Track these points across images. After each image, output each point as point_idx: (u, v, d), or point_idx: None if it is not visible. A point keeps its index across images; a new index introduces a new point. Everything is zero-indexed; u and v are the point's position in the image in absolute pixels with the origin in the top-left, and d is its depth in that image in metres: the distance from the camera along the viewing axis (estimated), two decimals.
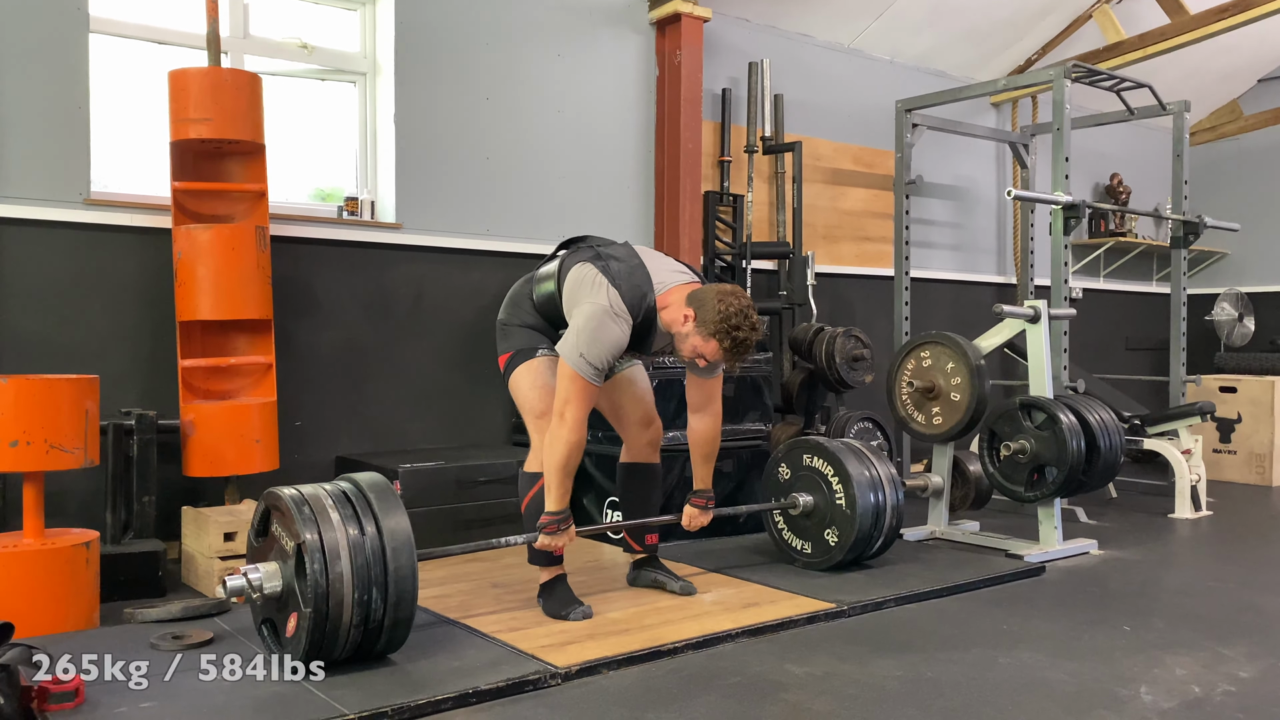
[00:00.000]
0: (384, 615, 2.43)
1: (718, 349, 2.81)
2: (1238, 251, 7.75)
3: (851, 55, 5.94)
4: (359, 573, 2.38)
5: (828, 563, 3.48)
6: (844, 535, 3.42)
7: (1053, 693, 2.43)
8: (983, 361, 4.02)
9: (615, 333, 2.81)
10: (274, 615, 2.51)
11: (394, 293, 4.38)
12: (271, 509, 2.52)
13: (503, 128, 4.66)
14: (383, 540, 2.43)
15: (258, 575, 2.44)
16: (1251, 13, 5.57)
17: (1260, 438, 5.86)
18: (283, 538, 2.45)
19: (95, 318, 3.72)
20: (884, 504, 3.45)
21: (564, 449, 2.82)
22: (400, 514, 2.49)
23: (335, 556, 2.36)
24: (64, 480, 3.41)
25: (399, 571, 2.43)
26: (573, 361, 2.79)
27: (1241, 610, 3.18)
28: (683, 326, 2.84)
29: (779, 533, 3.65)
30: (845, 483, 3.42)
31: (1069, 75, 4.62)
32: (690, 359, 2.90)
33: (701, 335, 2.81)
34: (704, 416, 3.16)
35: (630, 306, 2.83)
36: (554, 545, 2.90)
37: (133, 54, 3.97)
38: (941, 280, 6.36)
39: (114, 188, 3.90)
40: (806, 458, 3.56)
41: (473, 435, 4.59)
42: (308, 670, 2.38)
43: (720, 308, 2.78)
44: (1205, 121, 7.84)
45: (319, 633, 2.36)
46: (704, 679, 2.50)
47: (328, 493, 2.49)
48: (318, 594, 2.33)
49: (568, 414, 2.81)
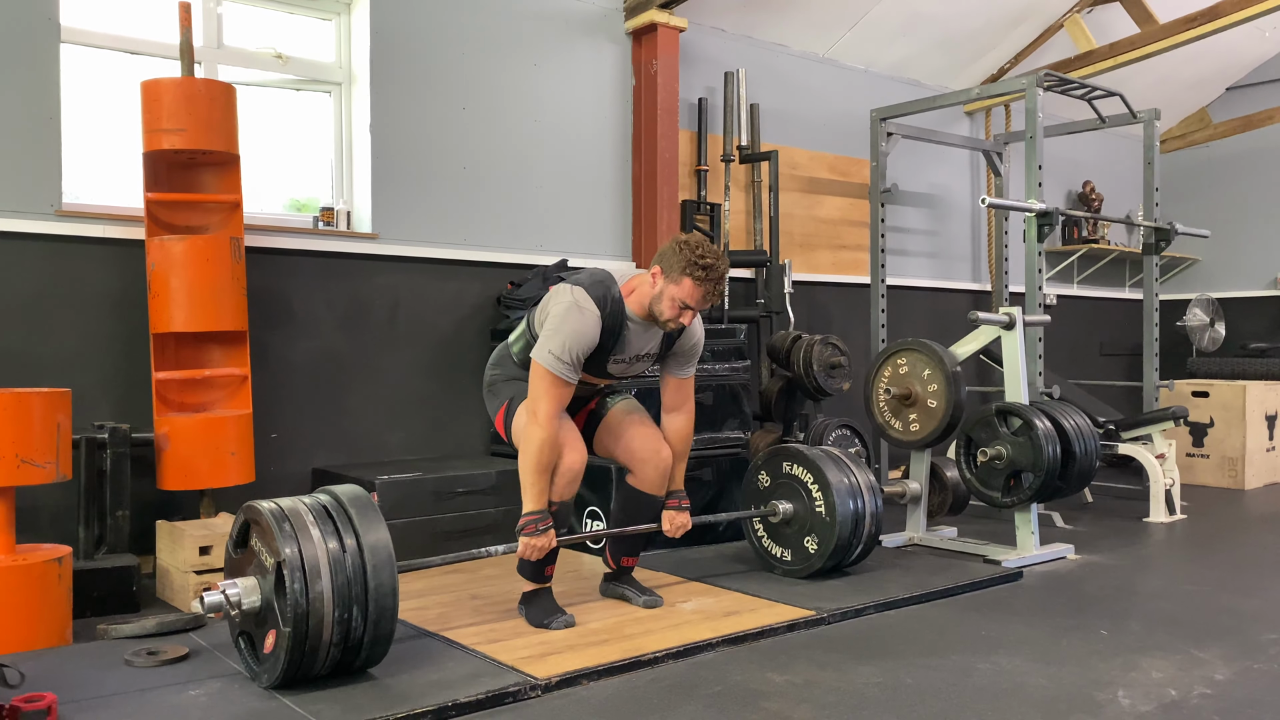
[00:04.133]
0: (364, 633, 2.41)
1: (692, 285, 2.83)
2: (1208, 257, 7.85)
3: (827, 65, 5.98)
4: (339, 591, 2.36)
5: (808, 570, 3.48)
6: (824, 542, 3.43)
7: (1031, 697, 2.44)
8: (959, 368, 4.04)
9: (580, 323, 2.83)
10: (252, 630, 2.48)
11: (371, 303, 4.36)
12: (251, 523, 2.50)
13: (479, 137, 4.66)
14: (363, 556, 2.41)
15: (236, 591, 2.41)
16: (1219, 22, 5.65)
17: (1232, 441, 5.92)
18: (262, 553, 2.43)
19: (67, 330, 3.68)
20: (863, 511, 3.46)
21: (535, 446, 2.82)
22: (381, 528, 2.47)
23: (316, 575, 2.34)
24: (35, 495, 3.37)
25: (379, 589, 2.41)
26: (541, 358, 2.83)
27: (1217, 613, 3.21)
28: (653, 288, 2.88)
29: (759, 540, 3.65)
30: (825, 490, 3.43)
31: (1041, 84, 4.66)
32: (674, 317, 2.87)
33: (673, 280, 2.84)
34: (679, 415, 3.17)
35: (596, 299, 2.86)
36: (534, 546, 2.86)
37: (105, 64, 3.94)
38: (917, 288, 6.40)
39: (86, 199, 3.87)
40: (786, 465, 3.57)
41: (451, 446, 4.57)
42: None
43: (679, 248, 2.84)
44: (1175, 129, 7.94)
45: (298, 652, 2.33)
46: (685, 688, 2.50)
47: (308, 507, 2.47)
48: (297, 614, 2.31)
49: (539, 410, 2.82)
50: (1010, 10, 6.14)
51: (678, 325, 2.92)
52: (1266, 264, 7.61)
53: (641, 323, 2.97)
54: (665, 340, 3.06)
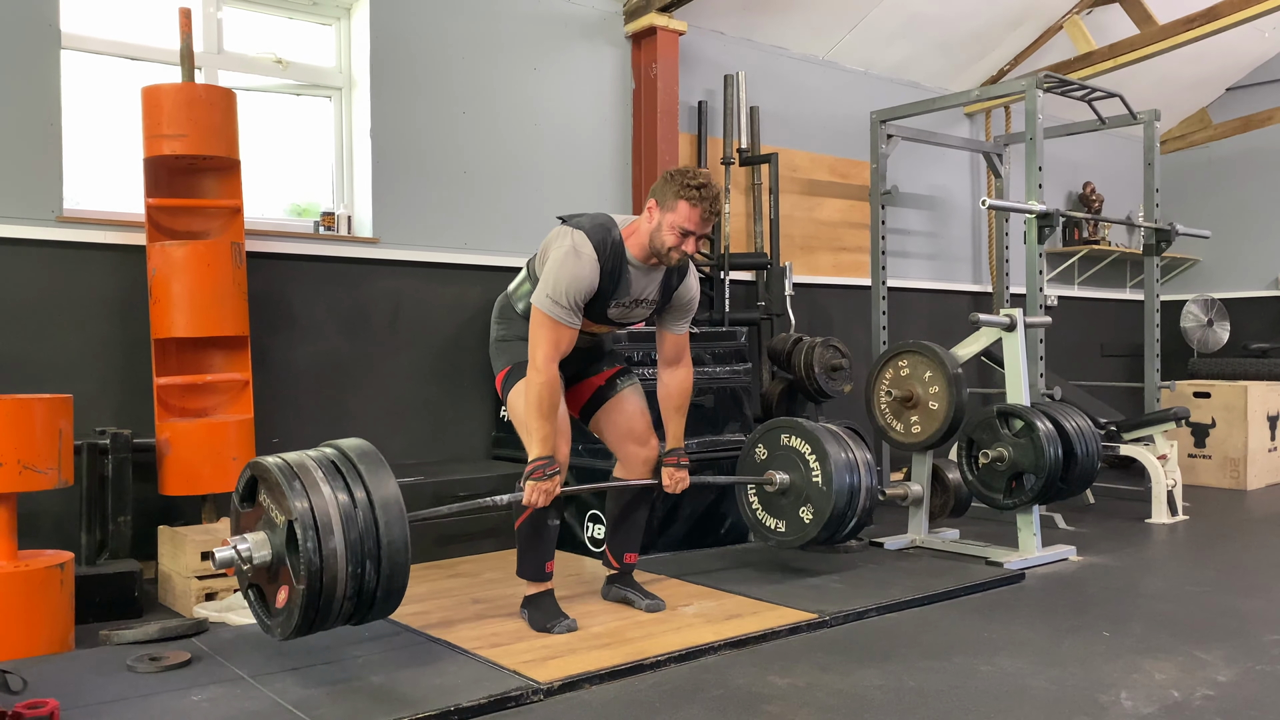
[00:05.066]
0: (376, 586, 2.39)
1: (688, 207, 2.83)
2: (1209, 258, 7.85)
3: (826, 67, 5.98)
4: (352, 546, 2.33)
5: (801, 539, 3.47)
6: (819, 512, 3.41)
7: (1034, 700, 2.44)
8: (960, 370, 4.04)
9: (578, 268, 2.83)
10: (262, 583, 2.46)
11: (372, 307, 4.37)
12: (258, 479, 2.46)
13: (480, 141, 4.66)
14: (375, 511, 2.38)
15: (246, 546, 2.38)
16: (1219, 23, 5.65)
17: (1234, 442, 5.92)
18: (271, 509, 2.40)
19: (68, 336, 3.68)
20: (859, 485, 3.44)
21: (535, 390, 2.83)
22: (390, 482, 2.44)
23: (328, 531, 2.31)
24: (37, 501, 3.37)
25: (392, 544, 2.39)
26: (540, 303, 2.84)
27: (1219, 614, 3.21)
28: (651, 223, 2.89)
29: (753, 512, 3.64)
30: (823, 460, 3.41)
31: (1041, 85, 4.67)
32: (677, 245, 2.86)
33: (669, 208, 2.85)
34: (677, 370, 3.17)
35: (595, 244, 2.86)
36: (542, 489, 2.84)
37: (105, 70, 3.95)
38: (918, 290, 6.40)
39: (87, 205, 3.87)
40: (784, 437, 3.55)
41: (452, 449, 4.57)
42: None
43: (669, 177, 2.87)
44: (1175, 130, 7.94)
45: (312, 609, 2.32)
46: (687, 692, 2.50)
47: (315, 462, 2.43)
48: (311, 570, 2.28)
49: (537, 355, 2.84)
50: (1010, 12, 6.14)
51: (681, 254, 2.90)
52: (1267, 264, 7.60)
53: (642, 266, 2.96)
54: (664, 290, 3.04)
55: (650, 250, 2.92)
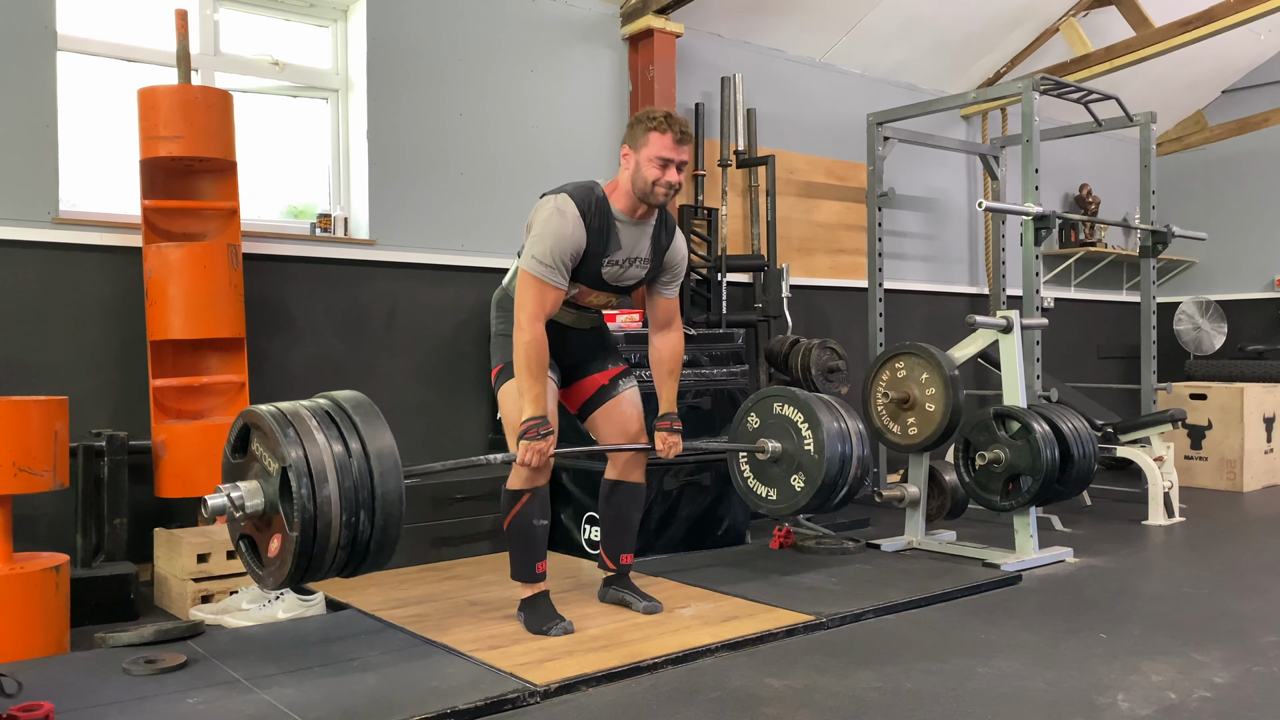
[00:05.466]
0: (370, 537, 2.37)
1: (658, 136, 2.87)
2: (1206, 260, 7.86)
3: (823, 69, 5.99)
4: (346, 494, 2.32)
5: (793, 508, 3.46)
6: (810, 480, 3.40)
7: (1031, 702, 2.44)
8: (957, 372, 4.04)
9: (562, 225, 2.85)
10: (254, 533, 2.45)
11: (368, 309, 4.36)
12: (251, 427, 2.44)
13: (477, 143, 4.66)
14: (369, 461, 2.37)
15: (239, 494, 2.37)
16: (1215, 25, 5.66)
17: (1230, 444, 5.92)
18: (265, 457, 2.38)
19: (64, 338, 3.67)
20: (850, 454, 3.43)
21: (523, 350, 2.84)
22: (385, 433, 2.43)
23: (322, 478, 2.30)
24: (33, 503, 3.36)
25: (386, 494, 2.37)
26: (526, 264, 2.87)
27: (1216, 616, 3.21)
28: (628, 167, 2.92)
29: (744, 480, 3.63)
30: (815, 428, 3.40)
31: (1037, 88, 4.67)
32: (660, 178, 2.88)
33: (641, 145, 2.88)
34: (669, 333, 3.19)
35: (579, 202, 2.88)
36: (535, 449, 2.83)
37: (102, 72, 3.94)
38: (915, 291, 6.40)
39: (83, 206, 3.87)
40: (777, 406, 3.54)
41: (449, 451, 4.55)
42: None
43: (632, 122, 2.95)
44: (1171, 132, 7.96)
45: (305, 557, 2.30)
46: (684, 694, 2.49)
47: (310, 411, 2.41)
48: (305, 518, 2.27)
49: (523, 316, 2.85)
50: (1006, 14, 6.15)
51: (667, 188, 2.90)
52: (1264, 266, 7.62)
53: (630, 220, 2.97)
54: (655, 249, 3.05)
55: (636, 195, 2.93)
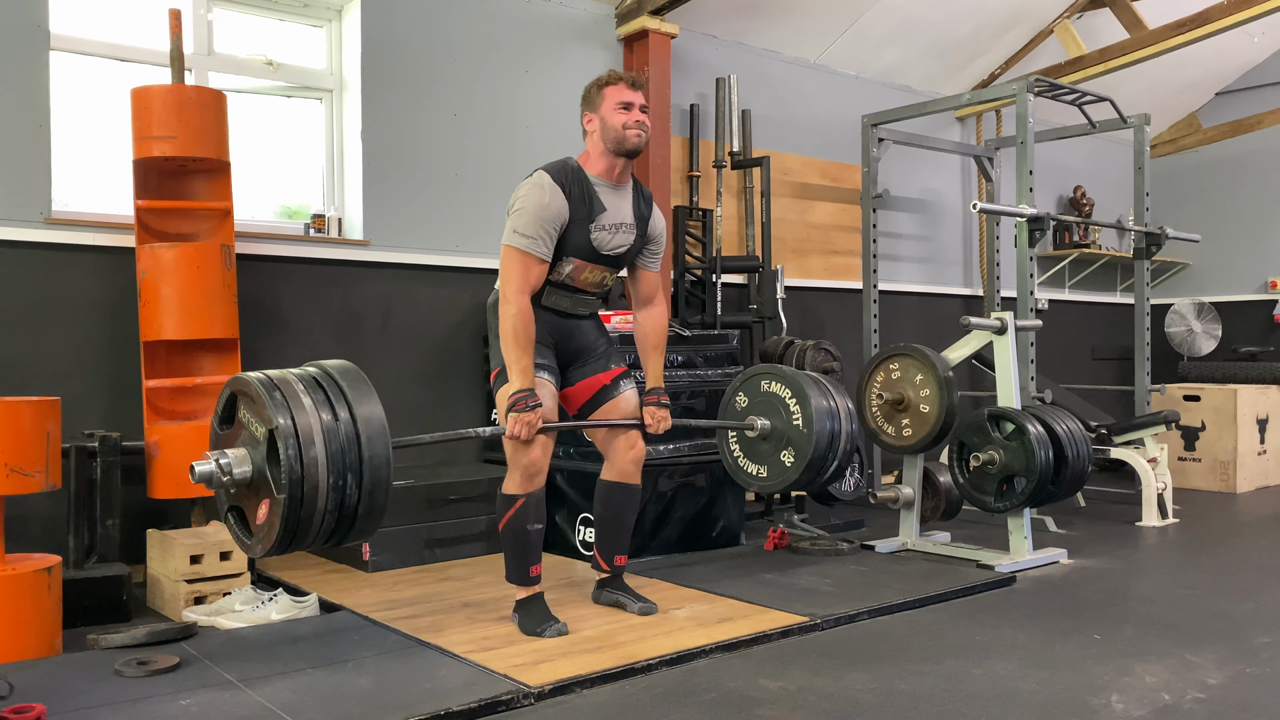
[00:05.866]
0: (359, 502, 2.36)
1: (612, 88, 2.99)
2: (1199, 262, 7.88)
3: (818, 70, 5.99)
4: (333, 457, 2.31)
5: (783, 484, 3.46)
6: (800, 455, 3.39)
7: (1025, 703, 2.44)
8: (951, 373, 4.04)
9: (539, 195, 2.90)
10: (242, 503, 2.43)
11: (362, 310, 4.35)
12: (239, 394, 2.43)
13: (471, 144, 4.65)
14: (357, 426, 2.36)
15: (227, 460, 2.36)
16: (1209, 28, 5.68)
17: (1224, 445, 5.94)
18: (252, 424, 2.37)
19: (57, 338, 3.66)
20: (839, 430, 3.43)
21: (509, 322, 2.86)
22: (373, 400, 2.42)
23: (310, 441, 2.29)
24: (25, 504, 3.35)
25: (374, 459, 2.36)
26: (507, 239, 2.92)
27: (1209, 617, 3.21)
28: (596, 128, 3.01)
29: (734, 459, 3.63)
30: (804, 404, 3.39)
31: (1032, 90, 4.68)
32: (627, 121, 2.96)
33: (599, 103, 2.99)
34: (652, 309, 3.23)
35: (553, 174, 2.94)
36: (524, 421, 2.82)
37: (95, 71, 3.93)
38: (909, 293, 6.41)
39: (76, 206, 3.86)
40: (765, 384, 3.55)
41: (443, 452, 4.56)
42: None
43: (585, 89, 3.07)
44: (1165, 134, 7.97)
45: (293, 520, 2.29)
46: (678, 696, 2.49)
47: (297, 377, 2.41)
48: (292, 479, 2.26)
49: (507, 289, 2.89)
50: (1001, 16, 6.16)
51: (637, 126, 2.97)
52: (1257, 268, 7.64)
53: (608, 185, 3.03)
54: (637, 216, 3.09)
55: (609, 148, 2.99)
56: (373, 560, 3.74)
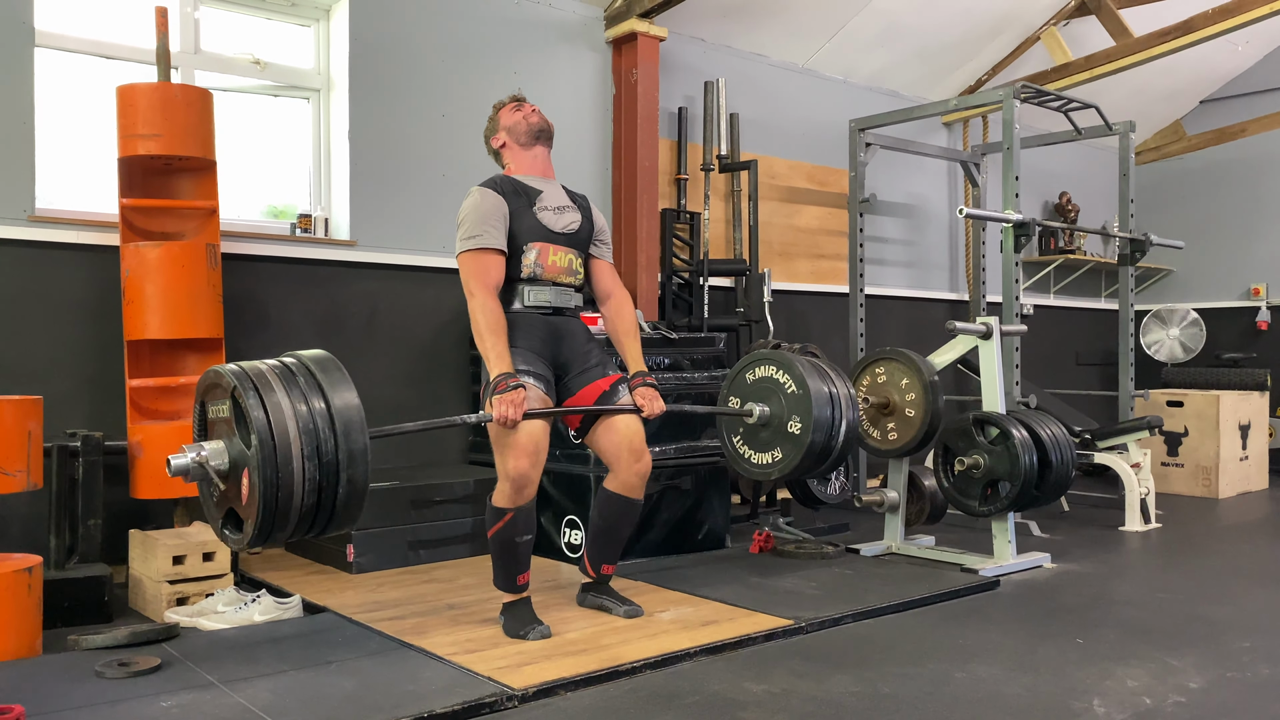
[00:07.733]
0: (337, 492, 2.35)
1: (504, 110, 3.25)
2: (1183, 268, 7.93)
3: (805, 75, 6.01)
4: (309, 447, 2.29)
5: (783, 470, 3.44)
6: (800, 442, 3.36)
7: (1008, 706, 2.45)
8: (936, 377, 4.06)
9: (479, 200, 3.03)
10: (226, 495, 2.40)
11: (348, 310, 4.34)
12: (212, 386, 2.42)
13: (459, 144, 4.65)
14: (332, 416, 2.35)
15: (204, 452, 2.34)
16: (1193, 36, 5.71)
17: (1206, 451, 5.97)
18: (223, 412, 2.37)
19: (39, 337, 3.64)
20: (839, 419, 3.39)
21: (479, 313, 2.92)
22: (349, 389, 2.41)
23: (284, 433, 2.27)
24: (6, 504, 3.33)
25: (351, 442, 2.36)
26: (458, 249, 3.01)
27: (1190, 621, 3.23)
28: (506, 138, 3.23)
29: (734, 447, 3.60)
30: (803, 389, 3.37)
31: (1018, 96, 4.70)
32: (525, 115, 3.21)
33: (504, 123, 3.23)
34: (612, 300, 3.27)
35: (485, 184, 3.10)
36: (509, 403, 2.79)
37: (80, 69, 3.91)
38: (895, 297, 6.43)
39: (60, 204, 3.83)
40: (763, 369, 3.51)
41: (429, 454, 4.55)
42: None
43: (486, 123, 3.32)
44: (1150, 141, 8.02)
45: (270, 508, 2.26)
46: (662, 699, 2.49)
47: (271, 368, 2.39)
48: (267, 465, 2.24)
49: (470, 288, 2.97)
50: (988, 22, 6.19)
51: (535, 112, 3.23)
52: (1240, 275, 7.69)
53: (536, 178, 3.18)
54: (572, 197, 3.24)
55: (521, 142, 3.20)
56: (357, 561, 3.73)
